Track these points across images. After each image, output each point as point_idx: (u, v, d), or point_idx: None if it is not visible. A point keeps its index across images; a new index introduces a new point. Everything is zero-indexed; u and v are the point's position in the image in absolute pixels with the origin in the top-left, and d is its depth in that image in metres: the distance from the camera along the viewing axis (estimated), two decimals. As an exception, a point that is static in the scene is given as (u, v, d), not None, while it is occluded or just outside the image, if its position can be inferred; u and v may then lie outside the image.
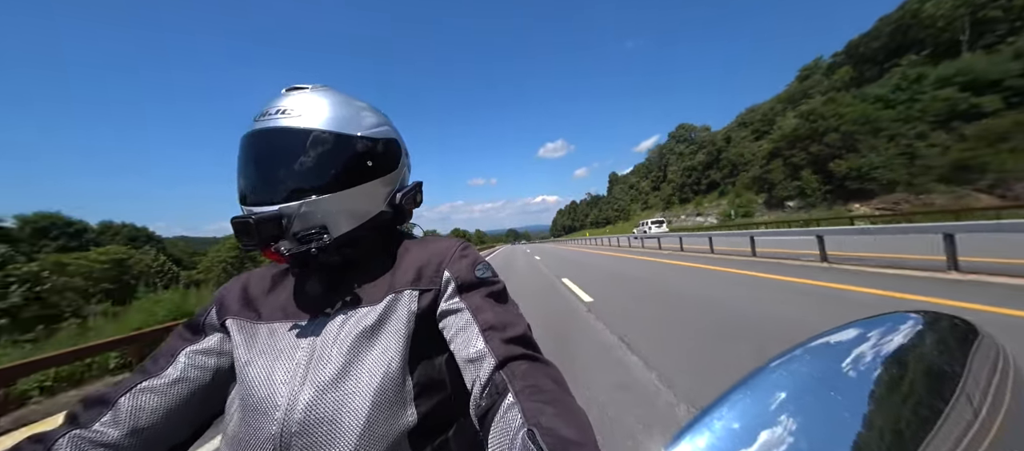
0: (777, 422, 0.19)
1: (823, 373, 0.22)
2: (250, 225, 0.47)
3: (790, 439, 0.18)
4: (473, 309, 0.51)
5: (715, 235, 12.35)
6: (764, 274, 6.23)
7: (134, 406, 0.46)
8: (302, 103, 0.53)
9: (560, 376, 0.44)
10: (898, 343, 0.24)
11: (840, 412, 0.19)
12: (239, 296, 0.56)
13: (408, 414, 0.47)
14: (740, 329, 3.38)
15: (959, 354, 0.24)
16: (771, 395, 0.21)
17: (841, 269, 6.03)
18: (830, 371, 0.22)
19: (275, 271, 0.59)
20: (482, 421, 0.42)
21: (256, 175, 0.52)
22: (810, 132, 34.69)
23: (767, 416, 0.20)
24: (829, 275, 5.61)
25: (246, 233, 0.47)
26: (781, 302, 4.24)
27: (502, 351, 0.45)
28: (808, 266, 6.69)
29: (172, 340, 0.54)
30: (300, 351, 0.48)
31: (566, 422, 0.36)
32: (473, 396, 0.44)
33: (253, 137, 0.52)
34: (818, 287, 4.88)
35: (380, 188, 0.58)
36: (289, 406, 0.43)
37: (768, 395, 0.21)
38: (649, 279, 7.06)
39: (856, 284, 4.80)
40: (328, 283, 0.54)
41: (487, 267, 0.58)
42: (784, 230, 9.39)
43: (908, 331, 0.25)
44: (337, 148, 0.53)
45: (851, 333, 0.25)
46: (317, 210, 0.51)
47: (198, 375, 0.51)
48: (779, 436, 0.19)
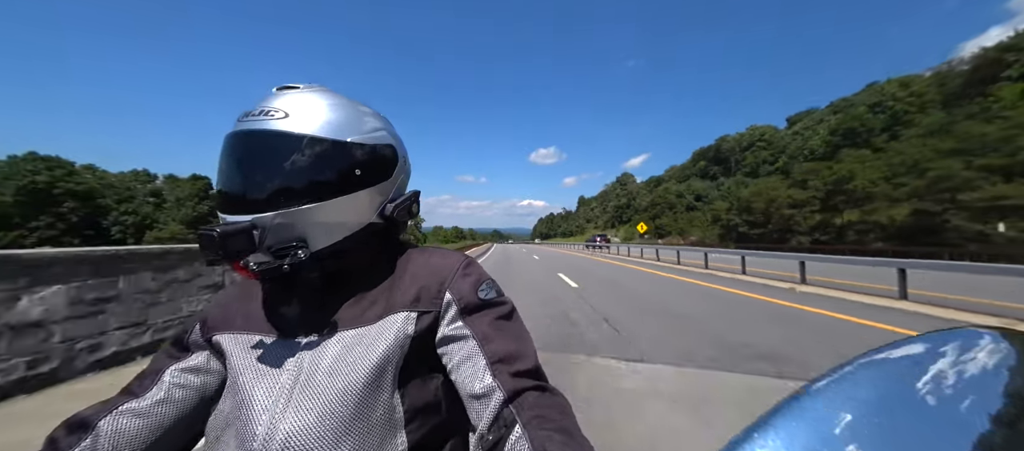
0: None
1: (891, 394, 0.19)
2: (214, 238, 0.42)
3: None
4: (479, 338, 0.48)
5: (625, 244, 30.52)
6: (641, 268, 13.43)
7: (114, 430, 0.44)
8: (290, 104, 0.49)
9: (567, 406, 0.44)
10: (980, 364, 0.21)
11: (915, 442, 0.17)
12: (225, 311, 0.54)
13: (398, 442, 0.44)
14: (609, 277, 9.84)
15: None
16: (830, 417, 0.18)
17: (686, 269, 12.18)
18: (899, 392, 0.19)
19: (265, 286, 0.54)
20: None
21: (231, 181, 0.48)
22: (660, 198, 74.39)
23: (826, 443, 0.17)
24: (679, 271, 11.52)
25: (209, 246, 0.42)
26: (626, 271, 11.80)
27: (511, 385, 0.43)
28: (676, 267, 12.86)
29: (158, 358, 0.52)
30: (285, 374, 0.45)
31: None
32: (479, 431, 0.42)
33: (231, 139, 0.48)
34: (673, 276, 10.12)
35: (370, 198, 0.53)
36: (269, 433, 0.41)
37: (826, 418, 0.18)
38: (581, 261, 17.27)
39: (689, 277, 9.86)
40: (320, 299, 0.51)
41: (492, 286, 0.54)
42: (649, 244, 24.79)
43: (989, 350, 0.22)
44: (322, 154, 0.48)
45: (919, 348, 0.22)
46: (295, 222, 0.47)
47: (182, 395, 0.49)
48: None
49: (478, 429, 0.43)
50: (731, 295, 7.02)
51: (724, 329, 4.52)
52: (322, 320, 0.49)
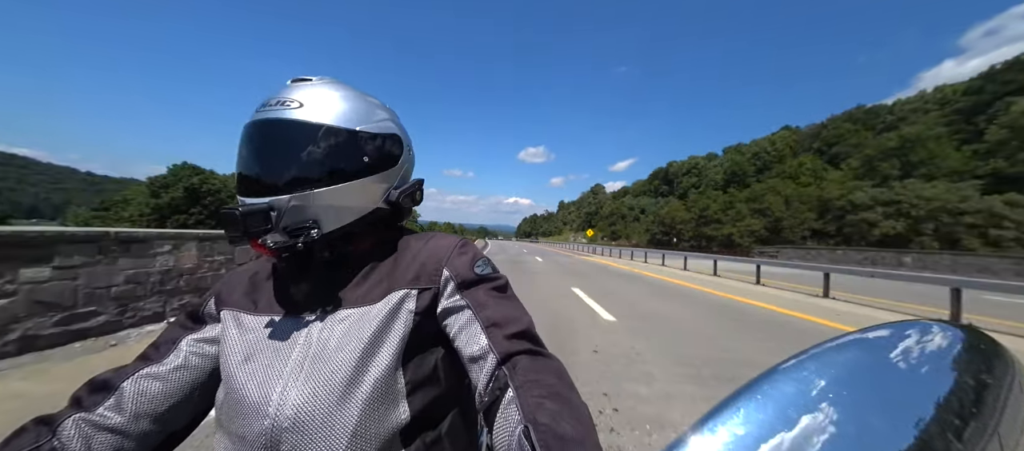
0: (790, 428, 0.18)
1: (848, 380, 0.21)
2: (236, 217, 0.46)
3: (806, 448, 0.17)
4: (475, 306, 0.51)
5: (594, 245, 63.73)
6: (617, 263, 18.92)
7: (137, 391, 0.47)
8: (305, 95, 0.52)
9: (562, 369, 0.45)
10: (930, 353, 0.23)
11: (862, 420, 0.18)
12: (237, 288, 0.57)
13: (400, 411, 0.47)
14: (577, 264, 16.57)
15: (995, 385, 0.22)
16: (784, 399, 0.20)
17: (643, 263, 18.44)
18: (855, 378, 0.21)
19: (275, 266, 0.58)
20: (487, 416, 0.43)
21: (250, 166, 0.51)
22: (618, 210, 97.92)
23: (778, 422, 0.18)
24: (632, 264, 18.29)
25: (232, 224, 0.47)
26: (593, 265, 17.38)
27: (504, 347, 0.46)
28: (637, 264, 17.50)
29: (172, 329, 0.55)
30: (296, 348, 0.48)
31: (564, 417, 0.36)
32: (478, 393, 0.45)
33: (251, 128, 0.51)
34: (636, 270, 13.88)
35: (377, 184, 0.57)
36: (280, 402, 0.44)
37: (781, 399, 0.20)
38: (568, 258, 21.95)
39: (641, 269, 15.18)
40: (327, 279, 0.54)
41: (487, 263, 0.58)
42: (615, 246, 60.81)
43: (941, 342, 0.24)
44: (333, 142, 0.52)
45: (876, 336, 0.24)
46: (308, 204, 0.50)
47: (199, 363, 0.52)
48: (794, 444, 0.17)
49: (477, 389, 0.45)
50: (654, 277, 11.64)
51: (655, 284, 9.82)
52: (329, 299, 0.52)
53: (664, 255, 19.56)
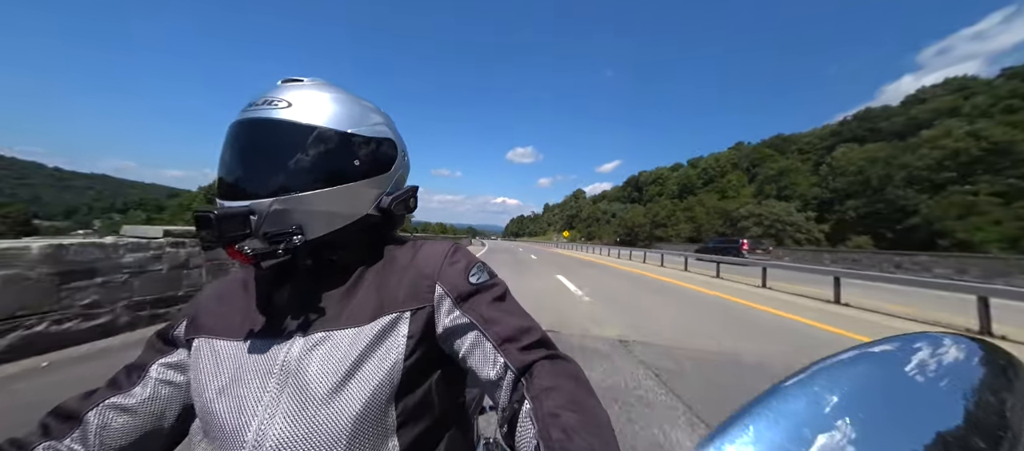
0: (806, 448, 0.18)
1: (858, 394, 0.20)
2: (210, 220, 0.43)
3: None
4: (481, 322, 0.49)
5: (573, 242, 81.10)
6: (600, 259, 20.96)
7: (101, 424, 0.44)
8: (294, 95, 0.50)
9: (579, 372, 0.43)
10: (946, 367, 0.22)
11: (880, 439, 0.18)
12: (209, 309, 0.53)
13: (391, 446, 0.44)
14: (565, 258, 20.60)
15: (1007, 396, 0.22)
16: (797, 417, 0.19)
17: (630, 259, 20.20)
18: (866, 392, 0.20)
19: (250, 281, 0.55)
20: (508, 434, 0.41)
21: (231, 167, 0.49)
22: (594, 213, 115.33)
23: (791, 443, 0.18)
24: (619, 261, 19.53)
25: (206, 227, 0.43)
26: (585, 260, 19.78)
27: (520, 360, 0.44)
28: (620, 259, 21.03)
29: (145, 351, 0.52)
30: (272, 378, 0.44)
31: (579, 432, 0.34)
32: (500, 409, 0.44)
33: (235, 127, 0.49)
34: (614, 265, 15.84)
35: (367, 189, 0.54)
36: (257, 441, 0.40)
37: (793, 417, 0.19)
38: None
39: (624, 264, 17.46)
40: (308, 296, 0.50)
41: (482, 269, 0.56)
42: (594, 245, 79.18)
43: (957, 356, 0.23)
44: (321, 143, 0.49)
45: (886, 349, 0.23)
46: (292, 208, 0.47)
47: (169, 393, 0.48)
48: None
49: (499, 409, 0.44)
50: (623, 268, 14.40)
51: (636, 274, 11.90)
52: (312, 317, 0.49)
53: (625, 252, 26.23)
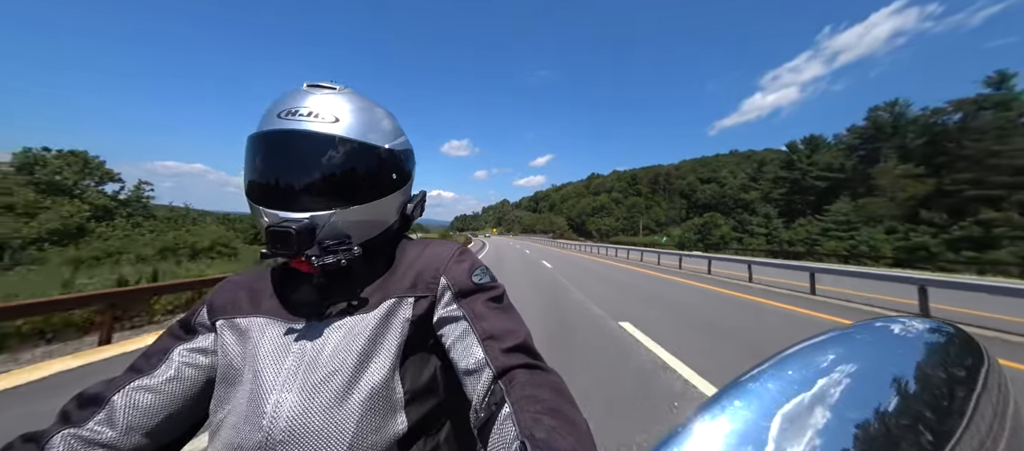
0: (772, 426, 0.19)
1: (828, 375, 0.21)
2: (290, 235, 0.46)
3: (786, 447, 0.18)
4: (472, 317, 0.50)
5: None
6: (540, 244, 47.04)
7: (128, 404, 0.45)
8: (330, 106, 0.51)
9: (561, 384, 0.44)
10: (914, 350, 0.24)
11: (842, 420, 0.19)
12: (230, 297, 0.56)
13: (398, 422, 0.46)
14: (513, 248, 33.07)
15: (969, 378, 0.23)
16: (769, 397, 0.20)
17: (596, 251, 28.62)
18: (833, 373, 0.21)
19: (267, 272, 0.58)
20: (481, 432, 0.41)
21: (282, 178, 0.50)
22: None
23: (763, 420, 0.19)
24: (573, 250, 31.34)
25: (283, 242, 0.46)
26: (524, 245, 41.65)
27: (501, 361, 0.45)
28: (583, 249, 32.03)
29: (163, 339, 0.53)
30: (290, 356, 0.47)
31: (562, 433, 0.35)
32: (473, 407, 0.44)
33: (279, 136, 0.50)
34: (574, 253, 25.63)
35: (398, 200, 0.58)
36: (275, 413, 0.43)
37: (766, 397, 0.20)
38: None
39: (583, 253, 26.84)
40: (322, 287, 0.52)
41: (485, 272, 0.57)
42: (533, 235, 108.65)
43: (917, 336, 0.25)
44: (368, 160, 0.53)
45: (845, 336, 0.25)
46: (345, 221, 0.51)
47: (192, 373, 0.50)
48: (781, 441, 0.18)
49: (472, 404, 0.44)
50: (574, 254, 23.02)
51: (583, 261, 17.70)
52: (327, 306, 0.51)
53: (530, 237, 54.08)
